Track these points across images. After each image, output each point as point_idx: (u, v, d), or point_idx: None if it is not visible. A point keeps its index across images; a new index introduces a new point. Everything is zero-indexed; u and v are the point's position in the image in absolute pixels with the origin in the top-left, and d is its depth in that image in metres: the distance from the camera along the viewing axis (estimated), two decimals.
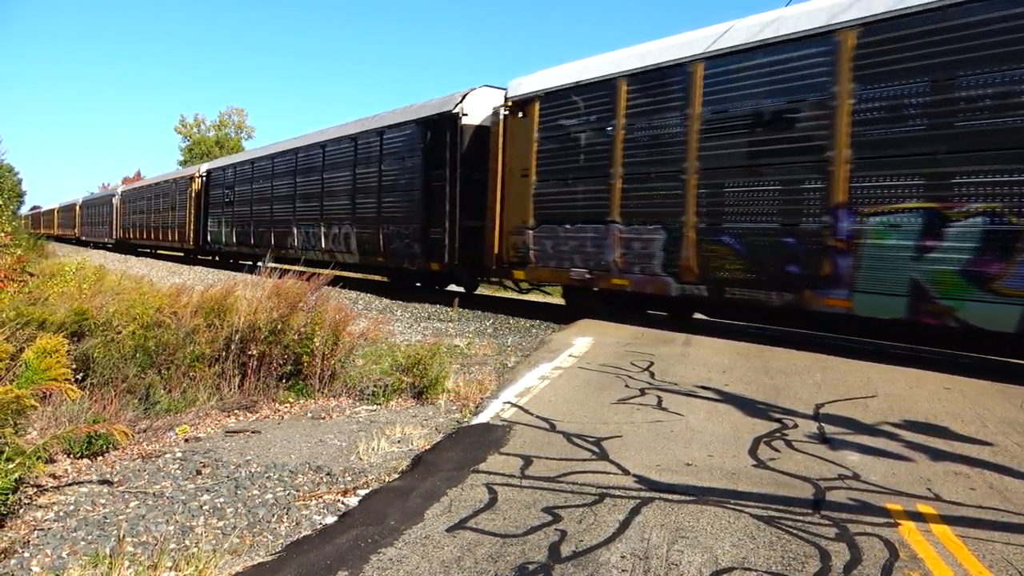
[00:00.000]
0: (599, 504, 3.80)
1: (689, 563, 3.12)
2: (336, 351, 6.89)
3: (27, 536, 3.54)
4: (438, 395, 6.60)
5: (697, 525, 3.53)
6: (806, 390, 6.49)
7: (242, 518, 3.85)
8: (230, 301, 6.90)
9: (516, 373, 7.30)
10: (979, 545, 3.36)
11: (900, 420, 5.51)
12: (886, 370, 7.38)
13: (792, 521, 3.59)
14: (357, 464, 4.73)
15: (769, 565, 3.12)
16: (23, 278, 9.47)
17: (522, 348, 9.49)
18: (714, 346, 8.91)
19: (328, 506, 4.01)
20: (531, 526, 3.52)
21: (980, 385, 6.75)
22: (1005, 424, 5.44)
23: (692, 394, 6.32)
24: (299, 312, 6.94)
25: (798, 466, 4.43)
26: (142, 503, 4.04)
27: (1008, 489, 4.11)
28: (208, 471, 4.58)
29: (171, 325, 6.41)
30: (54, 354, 4.25)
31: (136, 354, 6.03)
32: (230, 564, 3.26)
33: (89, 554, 3.33)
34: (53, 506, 3.96)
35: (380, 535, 3.45)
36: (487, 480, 4.17)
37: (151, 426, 5.45)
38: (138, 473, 4.53)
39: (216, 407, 6.09)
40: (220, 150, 59.29)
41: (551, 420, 5.48)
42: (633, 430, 5.21)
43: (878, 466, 4.46)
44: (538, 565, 3.12)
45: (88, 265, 11.94)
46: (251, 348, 6.60)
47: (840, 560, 3.17)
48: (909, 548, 3.30)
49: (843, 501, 3.87)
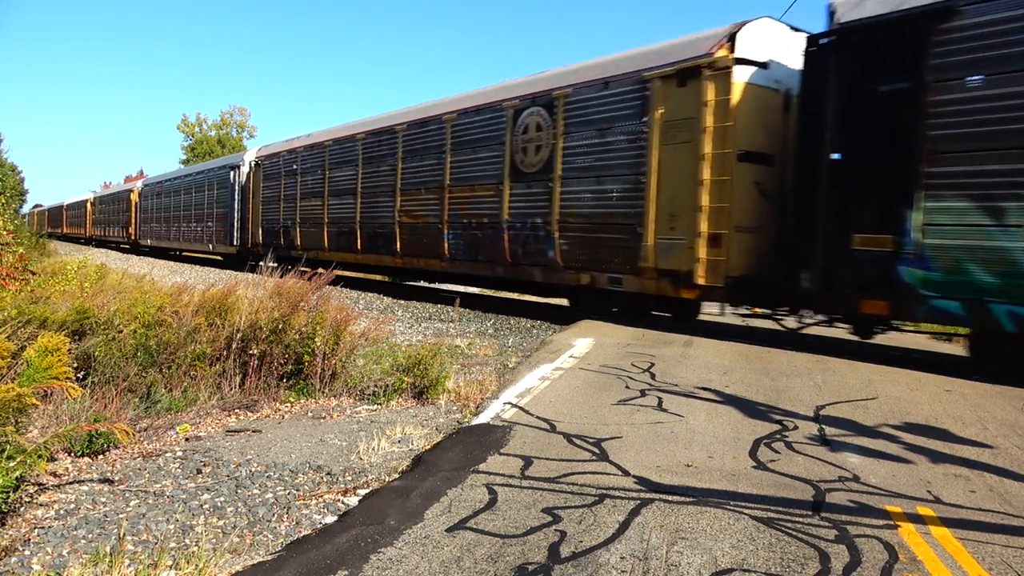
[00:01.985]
0: (599, 505, 3.80)
1: (689, 564, 3.13)
2: (337, 351, 6.89)
3: (28, 534, 3.55)
4: (439, 395, 6.60)
5: (697, 526, 3.53)
6: (807, 392, 6.49)
7: (242, 517, 3.86)
8: (231, 300, 6.91)
9: (517, 374, 7.30)
10: (979, 547, 3.36)
11: (900, 422, 5.51)
12: (887, 372, 7.38)
13: (792, 523, 3.59)
14: (357, 464, 4.74)
15: (768, 567, 3.12)
16: (25, 276, 9.50)
17: (523, 349, 9.49)
18: (715, 347, 8.91)
19: (328, 506, 4.02)
20: (531, 527, 3.52)
21: (980, 387, 6.74)
22: (1005, 426, 5.44)
23: (692, 395, 6.33)
24: (301, 312, 6.95)
25: (798, 468, 4.43)
26: (143, 502, 4.04)
27: (1008, 491, 4.11)
28: (209, 470, 4.58)
29: (173, 324, 6.42)
30: (55, 352, 4.26)
31: (137, 353, 6.05)
32: (230, 563, 3.26)
33: (90, 552, 3.34)
34: (54, 504, 3.97)
35: (380, 535, 3.45)
36: (487, 480, 4.18)
37: (152, 425, 5.45)
38: (139, 472, 4.54)
39: (217, 406, 6.10)
40: (222, 149, 59.33)
41: (551, 421, 5.48)
42: (633, 431, 5.22)
43: (878, 468, 4.46)
44: (538, 566, 3.12)
45: (90, 264, 11.96)
46: (252, 347, 6.61)
47: (839, 562, 3.17)
48: (909, 550, 3.31)
49: (843, 503, 3.87)
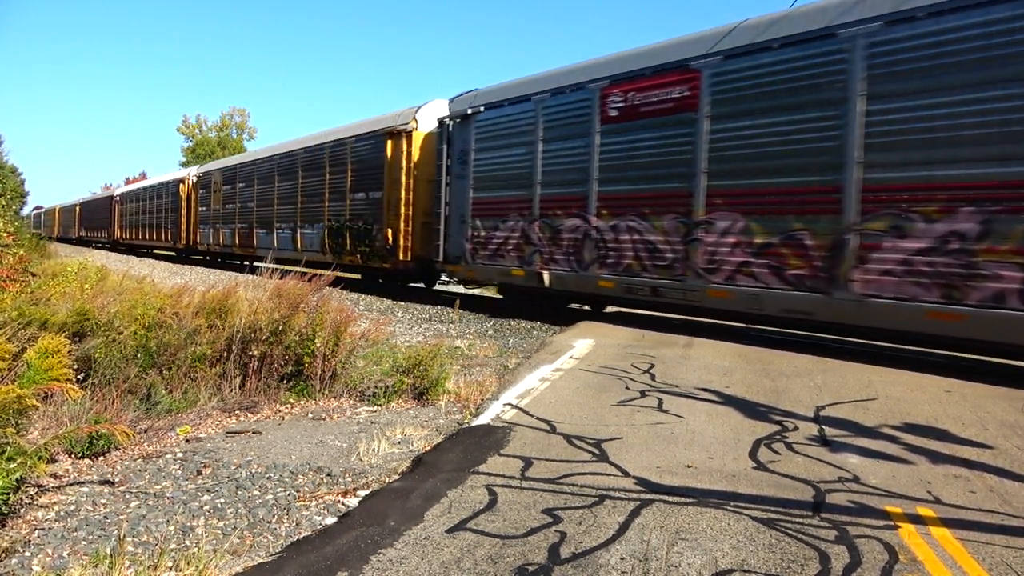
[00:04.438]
0: (599, 506, 3.80)
1: (689, 565, 3.13)
2: (337, 352, 6.90)
3: (28, 535, 3.56)
4: (439, 396, 6.60)
5: (697, 527, 3.53)
6: (807, 393, 6.49)
7: (242, 518, 3.86)
8: (231, 302, 6.92)
9: (517, 375, 7.30)
10: (979, 548, 3.36)
11: (900, 423, 5.51)
12: (887, 373, 7.38)
13: (792, 523, 3.59)
14: (357, 465, 4.74)
15: (769, 567, 3.12)
16: (25, 278, 9.50)
17: (523, 350, 9.49)
18: (715, 348, 8.91)
19: (328, 507, 4.02)
20: (531, 527, 3.52)
21: (981, 388, 6.74)
22: (1006, 427, 5.44)
23: (693, 396, 6.33)
24: (301, 313, 6.95)
25: (798, 468, 4.43)
26: (143, 503, 4.05)
27: (1008, 492, 4.11)
28: (209, 471, 4.59)
29: (173, 325, 6.43)
30: (56, 354, 4.27)
31: (138, 354, 6.05)
32: (230, 564, 3.26)
33: (90, 554, 3.34)
34: (54, 506, 3.98)
35: (380, 536, 3.46)
36: (487, 481, 4.18)
37: (152, 426, 5.46)
38: (139, 473, 4.54)
39: (217, 407, 6.10)
40: (222, 151, 59.37)
41: (551, 422, 5.48)
42: (633, 432, 5.22)
43: (878, 469, 4.46)
44: (538, 567, 3.12)
45: (90, 265, 11.97)
46: (252, 349, 6.61)
47: (840, 563, 3.17)
48: (909, 551, 3.31)
49: (843, 503, 3.87)
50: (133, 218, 38.96)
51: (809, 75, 8.55)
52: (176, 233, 31.54)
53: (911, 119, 7.63)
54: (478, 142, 13.55)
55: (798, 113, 8.64)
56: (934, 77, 7.45)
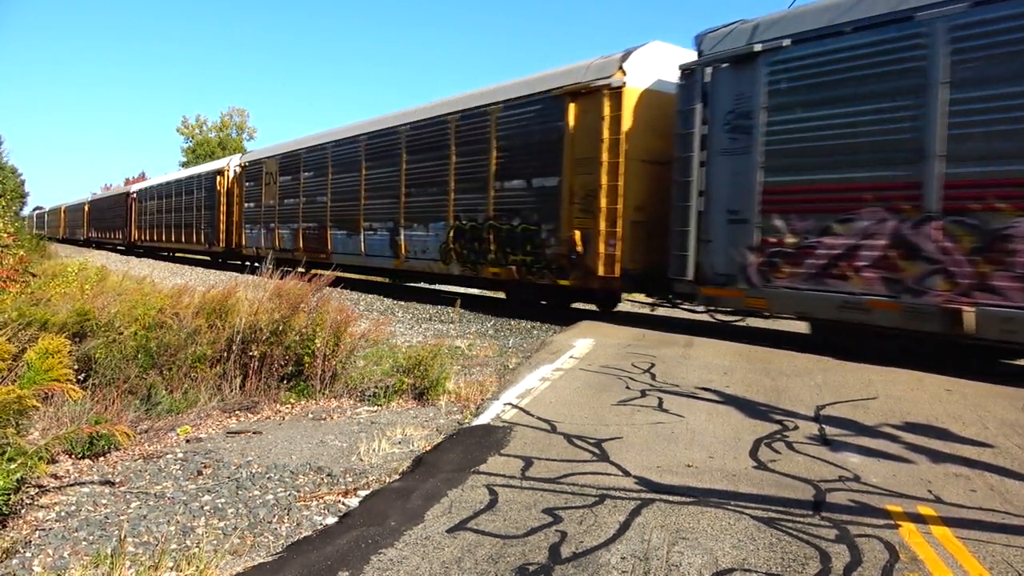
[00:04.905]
0: (599, 505, 3.80)
1: (689, 564, 3.13)
2: (338, 352, 6.90)
3: (29, 536, 3.56)
4: (439, 396, 6.60)
5: (697, 526, 3.53)
6: (807, 392, 6.49)
7: (243, 519, 3.86)
8: (231, 302, 6.92)
9: (517, 374, 7.31)
10: (979, 547, 3.36)
11: (901, 422, 5.50)
12: (887, 372, 7.37)
13: (792, 523, 3.59)
14: (358, 465, 4.74)
15: (769, 566, 3.12)
16: (26, 279, 9.51)
17: (523, 349, 9.49)
18: (715, 348, 8.91)
19: (329, 507, 4.02)
20: (531, 527, 3.52)
21: (981, 387, 6.74)
22: (1006, 426, 5.43)
23: (693, 396, 6.33)
24: (301, 313, 6.95)
25: (799, 468, 4.43)
26: (143, 503, 4.05)
27: (1009, 491, 4.10)
28: (209, 472, 4.59)
29: (173, 326, 6.43)
30: (56, 355, 4.26)
31: (138, 355, 6.05)
32: (231, 564, 3.27)
33: (91, 554, 3.34)
34: (55, 506, 3.98)
35: (381, 536, 3.46)
36: (488, 481, 4.18)
37: (153, 427, 5.46)
38: (140, 474, 4.54)
39: (217, 408, 6.10)
40: (223, 151, 59.37)
41: (552, 421, 5.48)
42: (634, 431, 5.22)
43: (879, 468, 4.46)
44: (538, 566, 3.12)
45: (90, 266, 11.98)
46: (253, 349, 6.61)
47: (840, 562, 3.17)
48: (909, 550, 3.30)
49: (843, 503, 3.87)
50: (154, 217, 34.38)
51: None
52: (212, 234, 26.59)
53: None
54: (776, 96, 8.85)
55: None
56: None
